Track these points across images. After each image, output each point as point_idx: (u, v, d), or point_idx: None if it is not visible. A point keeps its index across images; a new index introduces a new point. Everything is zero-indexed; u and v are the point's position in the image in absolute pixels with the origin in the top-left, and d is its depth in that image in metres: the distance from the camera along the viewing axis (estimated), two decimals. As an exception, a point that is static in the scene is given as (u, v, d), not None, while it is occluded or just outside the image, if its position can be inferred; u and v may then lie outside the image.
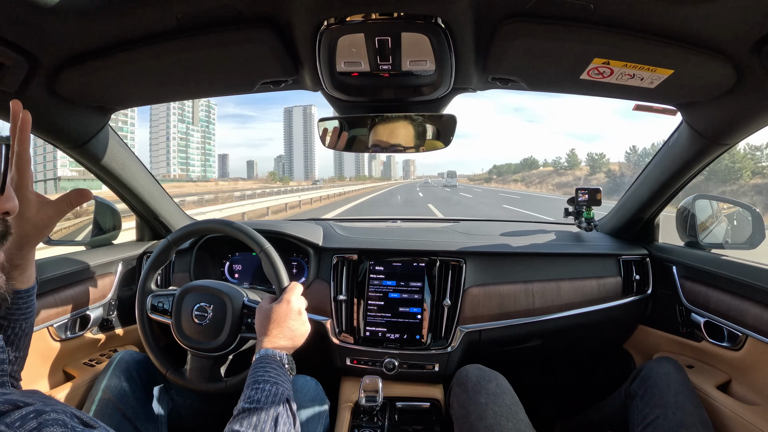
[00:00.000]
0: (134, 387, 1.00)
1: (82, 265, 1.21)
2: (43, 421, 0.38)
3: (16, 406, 0.39)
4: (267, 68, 0.92)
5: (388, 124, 1.11)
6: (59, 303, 1.11)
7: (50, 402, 0.42)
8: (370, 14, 0.74)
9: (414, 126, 1.11)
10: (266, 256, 0.99)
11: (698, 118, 1.02)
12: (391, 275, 1.32)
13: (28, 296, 0.75)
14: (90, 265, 1.23)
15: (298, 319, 0.87)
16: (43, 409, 0.39)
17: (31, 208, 0.70)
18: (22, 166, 0.66)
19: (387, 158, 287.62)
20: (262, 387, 0.70)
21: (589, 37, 0.75)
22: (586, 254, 1.38)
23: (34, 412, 0.38)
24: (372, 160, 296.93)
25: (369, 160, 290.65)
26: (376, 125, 1.12)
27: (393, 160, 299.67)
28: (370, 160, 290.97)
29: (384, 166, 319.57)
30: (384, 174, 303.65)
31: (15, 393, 0.45)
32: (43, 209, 0.72)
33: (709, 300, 1.13)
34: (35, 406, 0.39)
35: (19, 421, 0.37)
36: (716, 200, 1.37)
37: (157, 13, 0.72)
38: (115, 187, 1.33)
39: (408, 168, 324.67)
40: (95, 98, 1.00)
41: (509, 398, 1.00)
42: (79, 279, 1.20)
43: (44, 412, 0.39)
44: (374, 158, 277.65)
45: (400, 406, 1.25)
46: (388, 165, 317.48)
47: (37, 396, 0.45)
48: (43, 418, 0.38)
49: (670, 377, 1.00)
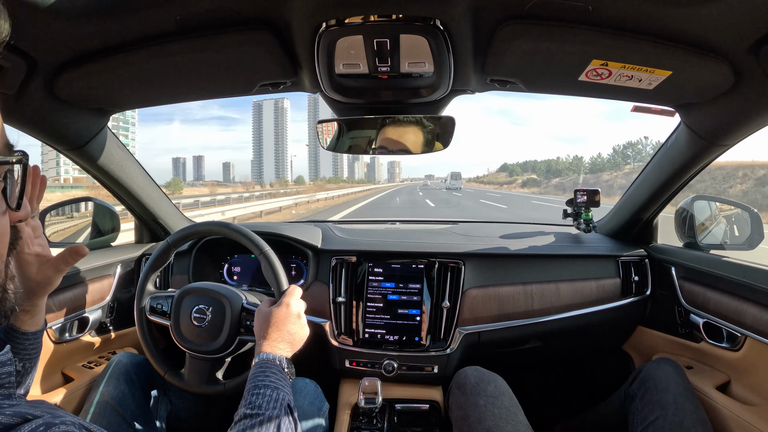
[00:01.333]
0: (133, 389, 1.00)
1: (80, 267, 1.21)
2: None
3: (25, 419, 0.38)
4: (266, 70, 0.92)
5: (387, 126, 1.12)
6: (57, 305, 1.11)
7: (58, 414, 0.42)
8: (368, 16, 0.74)
9: (413, 128, 1.11)
10: (265, 258, 0.99)
11: (696, 119, 1.02)
12: (390, 277, 1.32)
13: (36, 338, 0.76)
14: (88, 267, 1.23)
15: (298, 323, 0.87)
16: (52, 422, 0.39)
17: (31, 269, 0.72)
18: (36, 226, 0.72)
19: (371, 159, 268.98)
20: (263, 392, 0.70)
21: (587, 39, 0.75)
22: (585, 255, 1.38)
23: (43, 425, 0.38)
24: (355, 161, 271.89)
25: (352, 160, 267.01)
26: (375, 127, 1.12)
27: (377, 161, 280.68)
28: (352, 161, 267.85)
29: (368, 168, 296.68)
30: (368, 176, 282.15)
31: (22, 405, 0.44)
32: (42, 269, 0.74)
33: (708, 301, 1.14)
34: (44, 419, 0.39)
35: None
36: (715, 201, 1.37)
37: (156, 15, 0.72)
38: (113, 189, 1.33)
39: (393, 170, 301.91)
40: (94, 100, 1.00)
41: (508, 400, 1.00)
42: (78, 281, 1.19)
43: (54, 424, 0.38)
44: (357, 159, 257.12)
45: (399, 408, 1.25)
46: (372, 167, 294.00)
47: (45, 407, 0.45)
48: (53, 431, 0.38)
49: (670, 379, 1.00)
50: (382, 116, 1.11)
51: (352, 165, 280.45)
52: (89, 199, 1.42)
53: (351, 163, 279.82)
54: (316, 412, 1.02)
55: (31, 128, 0.98)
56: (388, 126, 1.12)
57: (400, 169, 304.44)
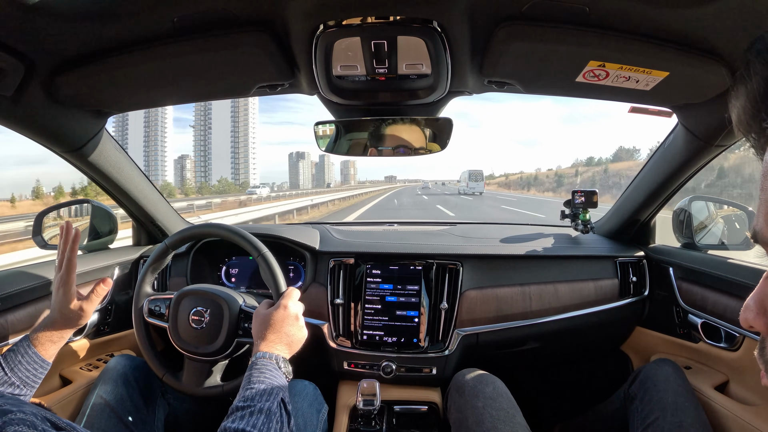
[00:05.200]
0: (131, 391, 1.00)
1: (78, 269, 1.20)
2: (8, 420, 0.38)
3: None
4: (263, 72, 0.92)
5: (385, 128, 1.12)
6: None
7: (20, 404, 0.42)
8: (366, 18, 0.75)
9: (410, 129, 1.11)
10: (264, 260, 0.99)
11: (694, 119, 1.03)
12: (388, 279, 1.31)
13: (43, 368, 0.82)
14: (86, 269, 1.22)
15: (296, 325, 0.87)
16: (9, 410, 0.39)
17: (74, 303, 0.88)
18: (71, 269, 0.89)
19: (320, 159, 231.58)
20: (256, 387, 0.70)
21: (584, 40, 0.75)
22: (583, 256, 1.38)
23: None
24: (300, 160, 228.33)
25: (296, 159, 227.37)
26: (373, 129, 1.12)
27: (327, 160, 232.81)
28: (297, 159, 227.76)
29: (317, 168, 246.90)
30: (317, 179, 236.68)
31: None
32: (79, 303, 0.89)
33: (706, 301, 1.14)
34: (1, 407, 0.39)
35: None
36: (712, 201, 1.38)
37: (154, 17, 0.72)
38: (111, 191, 1.33)
39: (347, 171, 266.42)
40: (91, 102, 1.00)
41: (506, 402, 1.00)
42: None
43: (10, 411, 0.39)
44: (302, 158, 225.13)
45: (397, 410, 1.25)
46: (321, 167, 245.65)
47: (8, 399, 0.45)
48: (8, 418, 0.38)
49: (669, 379, 1.01)
50: (379, 118, 1.11)
51: (296, 163, 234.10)
52: (87, 201, 1.42)
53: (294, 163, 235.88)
54: (315, 414, 1.02)
55: (28, 130, 0.97)
56: (386, 127, 1.12)
57: (355, 169, 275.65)
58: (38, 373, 0.80)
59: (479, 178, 35.93)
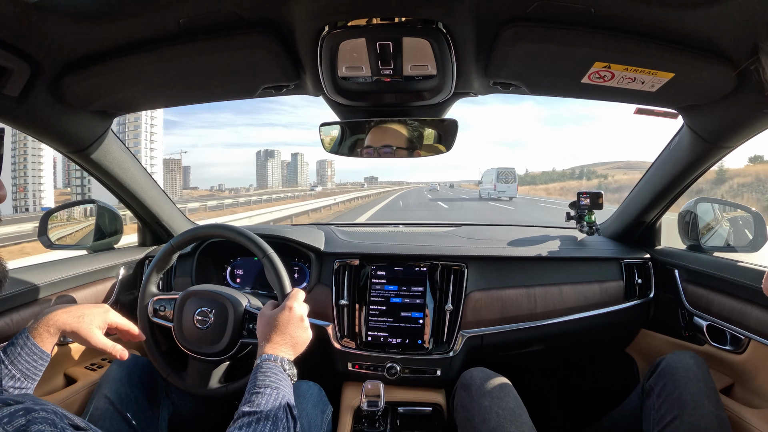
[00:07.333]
0: (135, 391, 1.00)
1: (83, 269, 1.21)
2: (32, 419, 0.39)
3: (5, 403, 0.40)
4: (268, 73, 0.92)
5: (390, 129, 1.12)
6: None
7: (40, 402, 0.43)
8: (371, 19, 0.75)
9: (415, 131, 1.11)
10: (269, 261, 0.99)
11: (699, 121, 1.02)
12: (392, 280, 1.31)
13: (43, 361, 0.80)
14: (91, 269, 1.23)
15: (300, 326, 0.87)
16: (32, 408, 0.40)
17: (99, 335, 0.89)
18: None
19: (293, 158, 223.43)
20: (262, 392, 0.70)
21: (589, 41, 0.75)
22: (588, 258, 1.37)
23: (23, 410, 0.39)
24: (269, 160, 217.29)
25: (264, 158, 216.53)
26: (378, 130, 1.12)
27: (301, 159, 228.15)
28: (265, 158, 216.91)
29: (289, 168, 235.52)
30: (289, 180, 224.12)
31: (6, 394, 0.45)
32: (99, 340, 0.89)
33: (711, 303, 1.13)
34: (25, 405, 0.40)
35: (8, 418, 0.38)
36: (718, 203, 1.37)
37: (160, 18, 0.73)
38: (116, 192, 1.33)
39: (324, 172, 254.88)
40: (97, 103, 1.00)
41: (513, 401, 0.99)
42: (81, 283, 1.20)
43: (33, 410, 0.39)
44: (271, 157, 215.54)
45: (401, 411, 1.25)
46: (294, 167, 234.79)
47: (28, 397, 0.46)
48: (32, 416, 0.39)
49: (690, 372, 0.95)
50: (384, 119, 1.11)
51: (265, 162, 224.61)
52: (92, 202, 1.42)
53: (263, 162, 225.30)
54: (319, 416, 1.02)
55: (35, 131, 0.98)
56: (391, 128, 1.12)
57: (333, 169, 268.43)
58: (38, 365, 0.79)
59: (510, 179, 26.92)
